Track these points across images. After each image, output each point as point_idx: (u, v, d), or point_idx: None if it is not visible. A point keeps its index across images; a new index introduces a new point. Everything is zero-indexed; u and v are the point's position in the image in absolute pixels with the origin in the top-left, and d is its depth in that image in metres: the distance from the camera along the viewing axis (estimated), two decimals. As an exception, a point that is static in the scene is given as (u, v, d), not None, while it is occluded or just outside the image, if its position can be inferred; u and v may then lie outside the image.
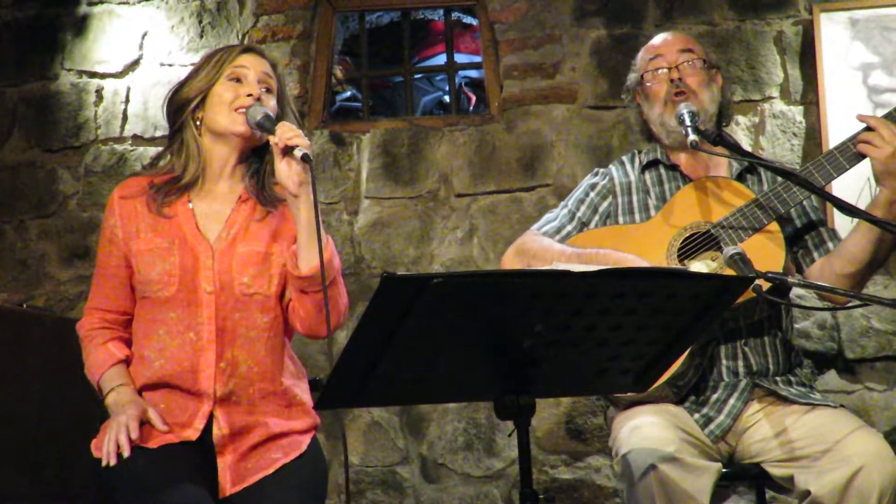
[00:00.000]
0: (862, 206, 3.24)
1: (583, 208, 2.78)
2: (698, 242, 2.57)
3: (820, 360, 3.60)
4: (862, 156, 2.49)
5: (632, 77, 2.84)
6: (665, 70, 2.72)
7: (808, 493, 2.34)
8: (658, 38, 2.83)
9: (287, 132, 2.24)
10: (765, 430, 2.50)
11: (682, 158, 2.77)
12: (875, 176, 2.47)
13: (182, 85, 2.42)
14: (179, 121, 2.40)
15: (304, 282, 2.28)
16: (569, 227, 2.76)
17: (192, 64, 3.17)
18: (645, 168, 2.78)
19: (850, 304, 2.69)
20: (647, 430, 2.40)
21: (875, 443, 2.34)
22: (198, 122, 2.39)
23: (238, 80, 2.39)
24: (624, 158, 2.86)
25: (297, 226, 2.27)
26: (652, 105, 2.75)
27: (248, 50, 2.44)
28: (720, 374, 2.56)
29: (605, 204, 2.78)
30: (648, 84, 2.74)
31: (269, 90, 2.41)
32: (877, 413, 3.55)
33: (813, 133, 3.67)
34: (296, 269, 2.28)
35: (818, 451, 2.37)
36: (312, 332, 2.36)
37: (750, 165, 2.73)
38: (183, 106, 2.39)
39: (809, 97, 3.70)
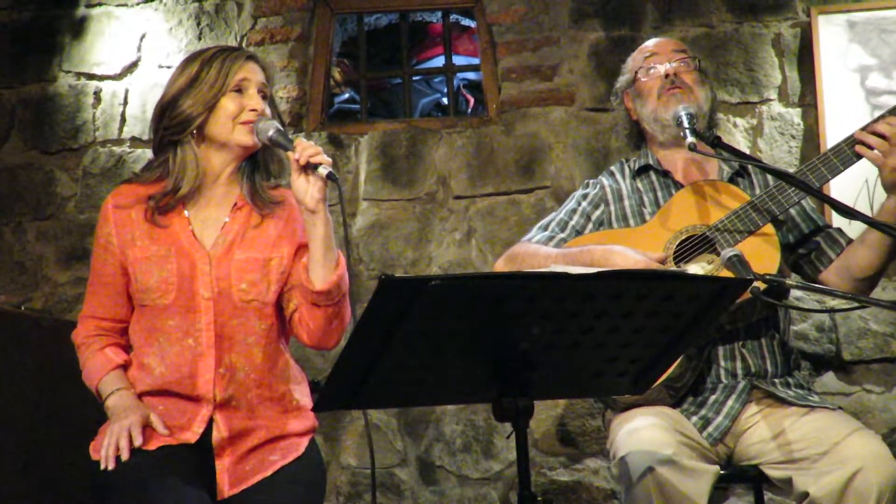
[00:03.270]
0: (860, 208, 3.26)
1: (575, 217, 2.79)
2: (694, 245, 2.58)
3: (818, 362, 3.61)
4: (857, 157, 2.50)
5: (622, 79, 2.87)
6: (660, 68, 2.75)
7: (806, 494, 2.34)
8: (652, 41, 2.87)
9: (308, 149, 2.23)
10: (763, 432, 2.50)
11: (674, 159, 2.78)
12: (884, 185, 2.48)
13: (179, 96, 2.34)
14: (181, 134, 2.34)
15: (318, 296, 2.27)
16: (561, 235, 2.76)
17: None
18: (636, 174, 2.79)
19: (848, 307, 2.70)
20: (644, 432, 2.40)
21: (873, 444, 2.34)
22: (194, 132, 2.35)
23: (240, 90, 2.36)
24: (613, 168, 2.88)
25: (313, 241, 2.27)
26: (645, 101, 2.77)
27: (249, 58, 2.40)
28: (718, 375, 2.56)
29: (598, 212, 2.78)
30: (642, 80, 2.77)
31: (264, 97, 2.40)
32: (875, 415, 3.55)
33: (811, 135, 3.67)
34: (310, 284, 2.27)
35: (816, 452, 2.38)
36: (319, 344, 2.36)
37: (741, 168, 2.74)
38: (187, 120, 2.32)
39: (807, 99, 3.70)
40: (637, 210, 2.73)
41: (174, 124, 2.35)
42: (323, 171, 2.21)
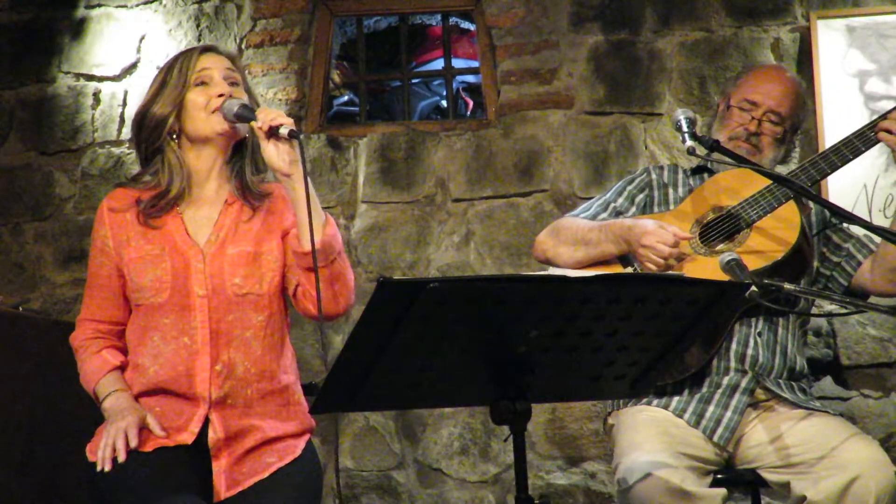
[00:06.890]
0: (858, 212, 3.27)
1: (620, 199, 2.83)
2: (720, 224, 2.62)
3: (816, 367, 3.60)
4: (876, 140, 2.52)
5: (730, 86, 2.88)
6: (749, 116, 2.74)
7: (804, 498, 2.35)
8: (767, 80, 2.82)
9: (269, 114, 2.26)
10: (761, 436, 2.50)
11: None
12: None
13: (150, 103, 2.39)
14: (160, 139, 2.37)
15: (309, 258, 2.26)
16: (603, 215, 2.80)
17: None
18: (693, 172, 2.84)
19: (846, 312, 2.72)
20: (647, 455, 2.38)
21: (871, 450, 2.35)
22: (174, 136, 2.37)
23: (204, 83, 2.38)
24: (662, 164, 2.92)
25: (295, 205, 2.27)
26: (721, 128, 2.78)
27: (205, 50, 2.44)
28: (728, 361, 2.56)
29: (642, 195, 2.83)
30: (733, 111, 2.77)
31: (235, 83, 2.41)
32: (871, 420, 3.55)
33: (810, 139, 3.67)
34: (299, 247, 2.28)
35: (814, 457, 2.38)
36: (327, 311, 2.32)
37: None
38: (160, 123, 2.36)
39: (807, 104, 3.70)
40: (679, 199, 2.78)
41: (150, 129, 2.38)
42: (284, 130, 2.23)
